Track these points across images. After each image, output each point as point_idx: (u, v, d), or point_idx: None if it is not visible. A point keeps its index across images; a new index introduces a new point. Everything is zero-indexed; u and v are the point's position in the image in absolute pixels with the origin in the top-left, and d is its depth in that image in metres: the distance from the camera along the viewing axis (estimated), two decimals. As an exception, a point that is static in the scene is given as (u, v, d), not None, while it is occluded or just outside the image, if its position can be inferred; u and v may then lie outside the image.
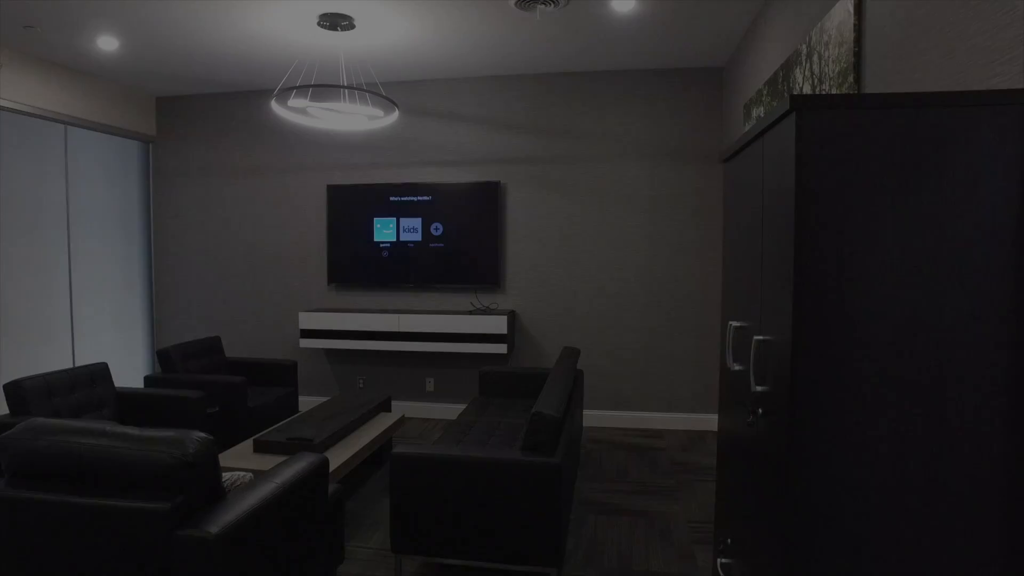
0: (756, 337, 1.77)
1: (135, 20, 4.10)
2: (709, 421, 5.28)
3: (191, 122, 6.04)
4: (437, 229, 5.47)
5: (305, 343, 5.40)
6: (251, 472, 2.54)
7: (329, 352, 5.83)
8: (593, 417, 5.45)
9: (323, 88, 4.28)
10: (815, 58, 2.96)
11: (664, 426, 5.35)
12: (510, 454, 2.81)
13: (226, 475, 2.32)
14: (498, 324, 5.10)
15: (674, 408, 5.34)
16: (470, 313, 5.27)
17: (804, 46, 3.08)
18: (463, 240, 5.44)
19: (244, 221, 5.96)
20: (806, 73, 3.08)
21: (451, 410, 5.67)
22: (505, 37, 4.46)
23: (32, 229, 5.09)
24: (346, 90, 4.34)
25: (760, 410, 1.75)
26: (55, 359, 5.28)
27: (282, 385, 4.98)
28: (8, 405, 3.40)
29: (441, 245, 5.47)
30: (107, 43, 4.54)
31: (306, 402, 5.87)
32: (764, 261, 1.77)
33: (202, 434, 2.10)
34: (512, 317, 5.33)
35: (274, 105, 4.04)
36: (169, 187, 6.12)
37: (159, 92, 5.96)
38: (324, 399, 5.81)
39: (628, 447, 4.87)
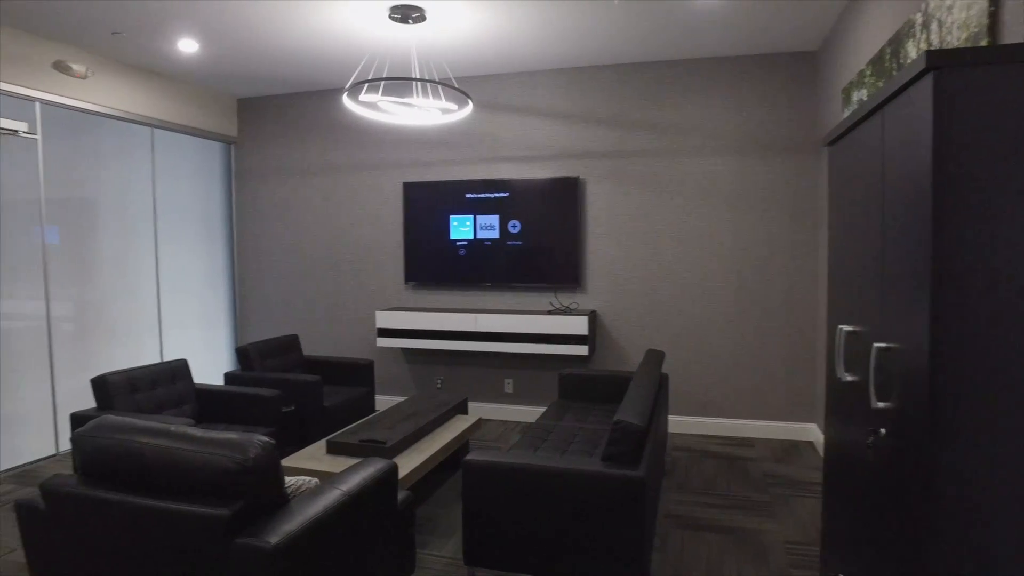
0: (876, 344, 1.50)
1: (212, 21, 4.15)
2: (804, 431, 4.89)
3: (269, 122, 6.14)
4: (515, 226, 5.31)
5: (382, 342, 5.36)
6: (316, 477, 2.46)
7: (406, 351, 5.79)
8: (678, 423, 5.16)
9: (395, 82, 4.22)
10: (934, 26, 2.60)
11: (754, 434, 5.00)
12: (590, 465, 2.61)
13: (290, 480, 2.23)
14: (579, 325, 4.89)
15: (765, 415, 4.98)
16: (549, 313, 5.08)
17: (919, 14, 2.72)
18: (541, 237, 5.27)
19: (321, 220, 6.01)
20: (921, 45, 2.72)
21: (530, 413, 5.51)
22: (581, 27, 4.25)
23: (123, 228, 5.29)
24: (418, 83, 4.25)
25: (883, 430, 1.48)
26: (145, 354, 5.47)
27: (358, 384, 4.96)
28: (95, 399, 3.49)
29: (519, 243, 5.32)
30: (187, 45, 4.63)
31: (383, 401, 5.85)
32: (886, 255, 1.50)
33: (264, 438, 2.01)
34: (593, 317, 5.11)
35: (345, 100, 3.99)
36: (249, 187, 6.25)
37: (240, 94, 6.10)
38: (400, 399, 5.78)
39: (716, 456, 4.57)
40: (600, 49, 4.77)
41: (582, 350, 4.92)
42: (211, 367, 6.06)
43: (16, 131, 4.29)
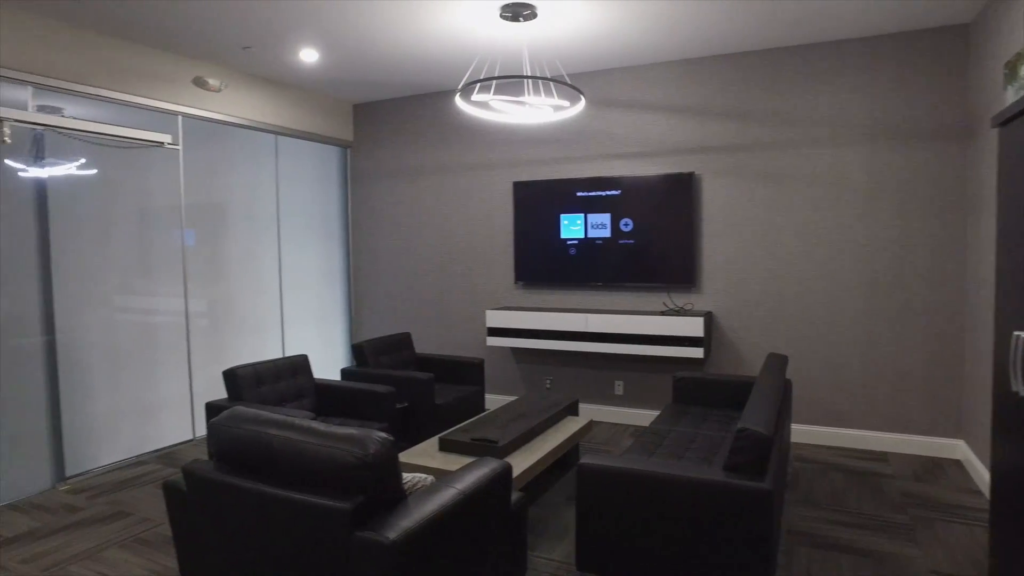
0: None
1: (332, 31, 4.30)
2: (950, 448, 4.45)
3: (383, 126, 6.33)
4: (627, 225, 5.19)
5: (492, 341, 5.39)
6: (431, 475, 2.47)
7: (516, 351, 5.79)
8: (802, 432, 4.85)
9: (507, 80, 4.22)
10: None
11: (888, 448, 4.61)
12: (712, 474, 2.47)
13: (407, 477, 2.25)
14: (693, 326, 4.70)
15: (901, 428, 4.58)
16: (662, 314, 4.92)
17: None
18: (654, 236, 5.11)
19: (433, 220, 6.12)
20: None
21: (641, 416, 5.36)
22: (696, 17, 4.07)
23: (249, 230, 5.62)
24: (530, 81, 4.23)
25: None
26: (269, 348, 5.78)
27: (469, 383, 5.00)
28: (226, 390, 3.71)
29: (631, 241, 5.18)
30: (308, 55, 4.84)
31: (492, 400, 5.88)
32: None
33: (383, 435, 2.03)
34: (709, 319, 4.89)
35: (458, 100, 4.02)
36: (364, 189, 6.46)
37: (355, 99, 6.32)
38: (510, 398, 5.78)
39: (845, 470, 4.24)
40: (715, 39, 4.56)
41: (697, 353, 4.72)
42: (327, 362, 6.33)
43: (162, 143, 4.64)
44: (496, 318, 5.36)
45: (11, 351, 4.04)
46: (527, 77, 3.67)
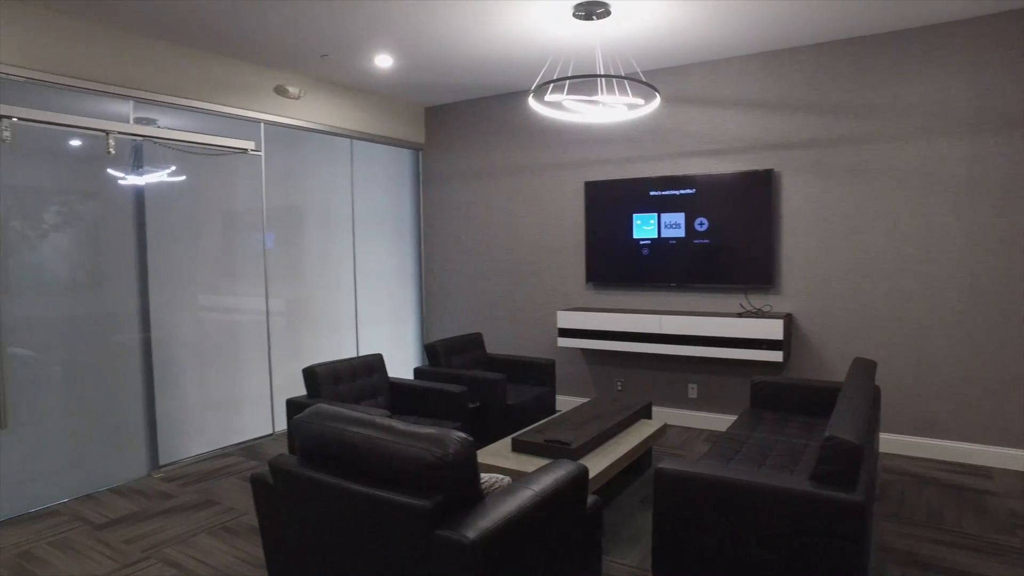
0: None
1: (406, 36, 4.37)
2: (1057, 460, 4.14)
3: (454, 128, 6.39)
4: (702, 224, 5.06)
5: (563, 342, 5.36)
6: (508, 476, 2.47)
7: (586, 352, 5.74)
8: (891, 442, 4.61)
9: (581, 80, 4.19)
10: None
11: (992, 463, 4.31)
12: (798, 484, 2.37)
13: (484, 477, 2.26)
14: (772, 328, 4.54)
15: (1008, 442, 4.28)
16: (739, 315, 4.78)
17: None
18: (731, 235, 4.97)
19: (504, 221, 6.14)
20: None
21: (715, 420, 5.22)
22: (775, 7, 3.93)
23: (325, 231, 5.79)
24: (603, 79, 4.19)
25: None
26: (344, 346, 5.94)
27: (540, 384, 4.99)
28: (305, 387, 3.84)
29: (706, 241, 5.06)
30: (383, 61, 4.93)
31: (562, 402, 5.85)
32: None
33: (462, 434, 2.04)
34: (788, 321, 4.72)
35: (531, 101, 4.01)
36: (435, 191, 6.54)
37: (427, 102, 6.41)
38: (580, 400, 5.74)
39: (940, 484, 4.00)
40: (796, 29, 4.39)
41: (775, 356, 4.56)
42: (398, 361, 6.45)
43: (246, 150, 4.84)
44: (567, 319, 5.33)
45: (113, 347, 4.30)
46: (601, 76, 3.63)
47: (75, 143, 4.19)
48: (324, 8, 3.86)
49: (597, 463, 3.32)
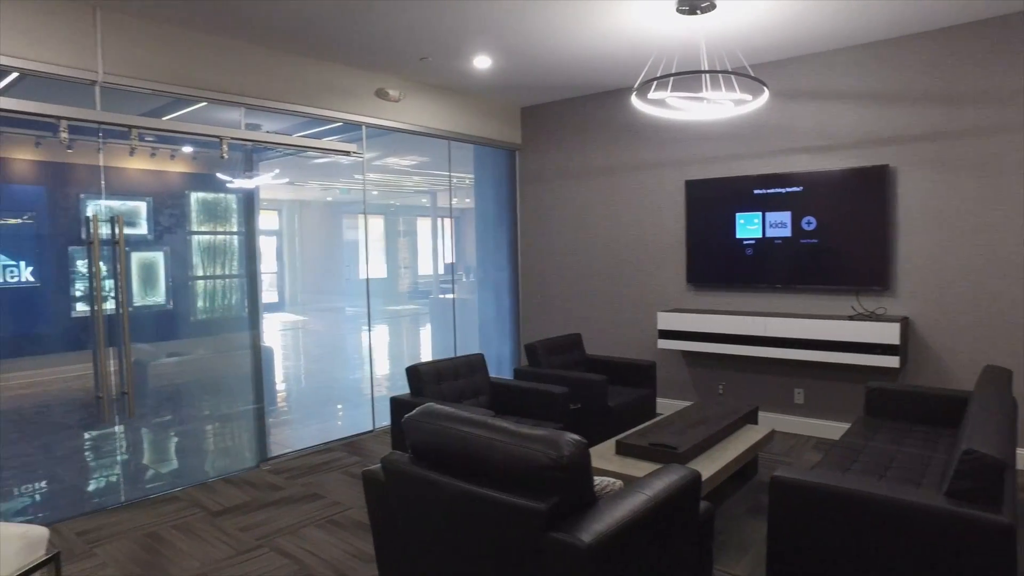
0: None
1: (507, 36, 4.39)
2: None
3: (551, 128, 6.37)
4: (809, 223, 4.83)
5: (663, 344, 5.25)
6: (620, 479, 2.43)
7: (686, 354, 5.59)
8: None
9: (685, 76, 4.08)
10: None
11: None
12: (931, 499, 2.21)
13: (597, 480, 2.22)
14: (888, 332, 4.28)
15: None
16: (850, 318, 4.53)
17: None
18: (841, 235, 4.71)
19: (601, 220, 6.07)
20: None
21: (823, 427, 4.97)
22: (905, -13, 3.69)
23: (424, 231, 5.90)
24: (708, 75, 4.06)
25: None
26: (440, 346, 6.04)
27: (640, 386, 4.90)
28: (409, 385, 3.92)
29: (814, 241, 4.82)
30: (481, 62, 4.97)
31: (663, 405, 5.71)
32: None
33: (576, 436, 2.02)
34: (905, 325, 4.43)
35: (634, 99, 3.94)
36: (532, 190, 6.55)
37: (523, 103, 6.43)
38: (680, 403, 5.59)
39: (1085, 504, 3.65)
40: (914, 15, 4.11)
41: (891, 361, 4.30)
42: (496, 361, 6.50)
43: (349, 152, 5.00)
44: (667, 320, 5.21)
45: (228, 345, 4.54)
46: (708, 72, 3.52)
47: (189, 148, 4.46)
48: (425, 11, 3.93)
49: (705, 469, 3.22)
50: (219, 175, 5.01)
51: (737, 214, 5.13)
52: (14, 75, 3.60)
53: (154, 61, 3.99)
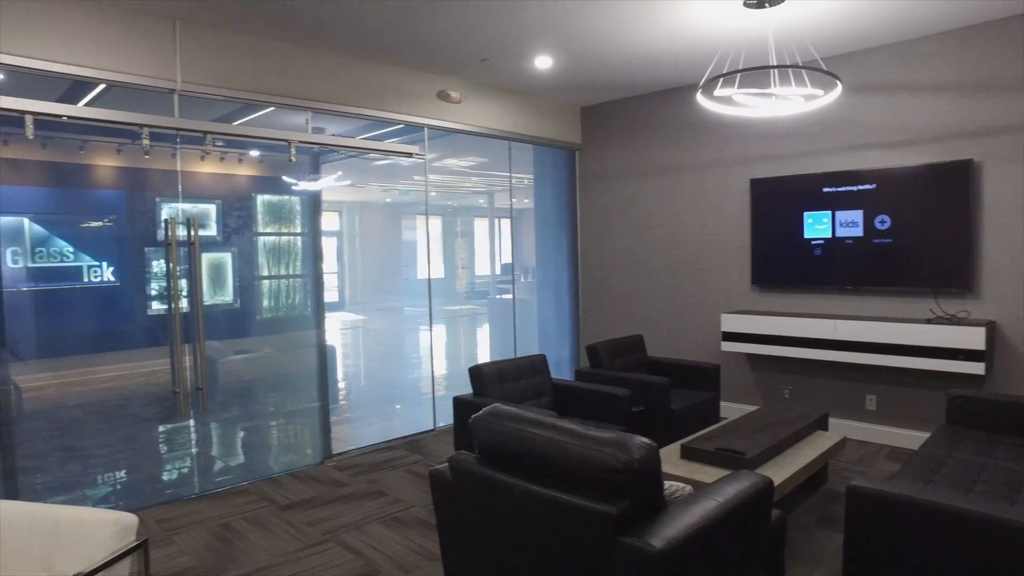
0: None
1: (569, 36, 4.36)
2: None
3: (611, 127, 6.31)
4: (883, 222, 4.64)
5: (727, 346, 5.13)
6: (689, 484, 2.37)
7: (750, 357, 5.45)
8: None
9: (753, 72, 3.97)
10: None
11: None
12: (1028, 515, 2.08)
13: (667, 485, 2.18)
14: (971, 337, 4.07)
15: None
16: (928, 322, 4.33)
17: None
18: (919, 234, 4.51)
19: (663, 220, 5.98)
20: None
21: (898, 436, 4.76)
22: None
23: (484, 231, 5.92)
24: (776, 71, 3.94)
25: None
26: (500, 346, 6.06)
27: (703, 389, 4.80)
28: (471, 385, 3.94)
29: (888, 240, 4.63)
30: (543, 62, 4.96)
31: (727, 408, 5.58)
32: None
33: (646, 440, 1.99)
34: (991, 329, 4.20)
35: (699, 97, 3.86)
36: (592, 190, 6.50)
37: (583, 102, 6.39)
38: (744, 407, 5.45)
39: None
40: (1008, -2, 3.90)
41: (975, 368, 4.09)
42: (555, 362, 6.47)
43: (412, 153, 5.07)
44: (731, 322, 5.09)
45: (293, 343, 4.66)
46: (777, 67, 3.42)
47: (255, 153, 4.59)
48: (489, 13, 3.94)
49: (774, 476, 3.12)
50: (285, 178, 5.15)
51: (805, 213, 4.97)
52: (101, 87, 3.78)
53: (226, 69, 4.13)
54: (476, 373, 3.89)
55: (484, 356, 5.95)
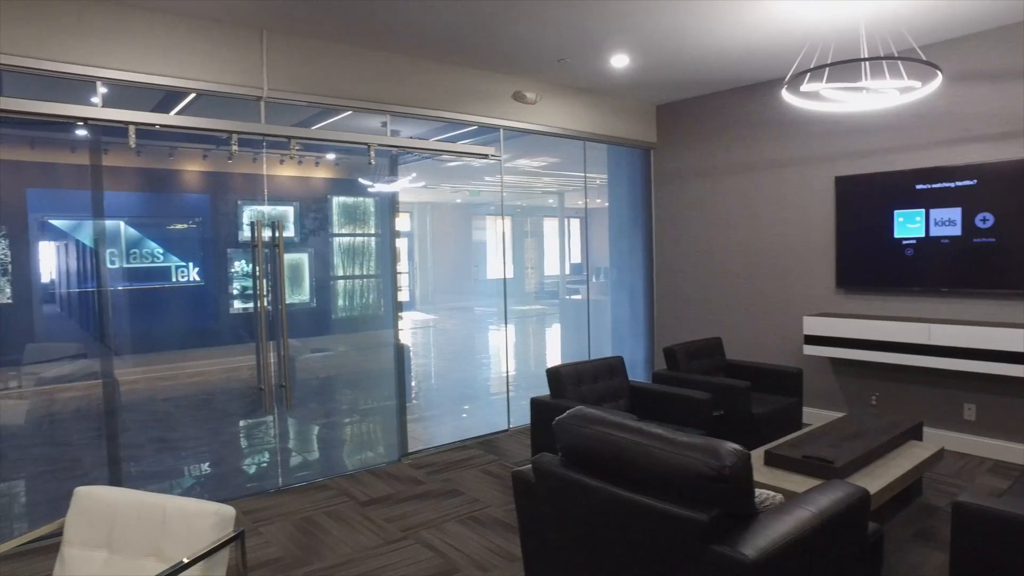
0: None
1: (648, 33, 4.29)
2: None
3: (688, 125, 6.18)
4: (985, 220, 4.36)
5: (809, 350, 4.94)
6: (780, 493, 2.29)
7: (834, 362, 5.23)
8: None
9: (845, 65, 3.80)
10: None
11: None
12: None
13: (758, 493, 2.11)
14: (1084, 343, 3.78)
15: None
16: (1035, 327, 4.05)
17: None
18: None
19: (740, 220, 5.81)
20: None
21: (1001, 448, 4.47)
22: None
23: (556, 232, 5.89)
24: (868, 63, 3.76)
25: None
26: (573, 348, 6.02)
27: (785, 394, 4.64)
28: (549, 387, 3.93)
29: (991, 240, 4.35)
30: (619, 61, 4.90)
31: (809, 414, 5.37)
32: None
33: (736, 446, 1.93)
34: (1106, 335, 3.90)
35: (784, 93, 3.73)
36: (667, 190, 6.38)
37: (658, 101, 6.28)
38: (828, 413, 5.23)
39: None
40: None
41: (1088, 377, 3.79)
42: (629, 363, 6.39)
43: (488, 155, 5.10)
44: (815, 325, 4.90)
45: (368, 342, 4.76)
46: (869, 59, 3.26)
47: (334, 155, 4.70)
48: (567, 13, 3.92)
49: (867, 487, 2.98)
50: (361, 180, 5.27)
51: (895, 211, 4.73)
52: (192, 96, 3.96)
53: (309, 75, 4.26)
54: (554, 374, 3.87)
55: (555, 357, 5.92)
